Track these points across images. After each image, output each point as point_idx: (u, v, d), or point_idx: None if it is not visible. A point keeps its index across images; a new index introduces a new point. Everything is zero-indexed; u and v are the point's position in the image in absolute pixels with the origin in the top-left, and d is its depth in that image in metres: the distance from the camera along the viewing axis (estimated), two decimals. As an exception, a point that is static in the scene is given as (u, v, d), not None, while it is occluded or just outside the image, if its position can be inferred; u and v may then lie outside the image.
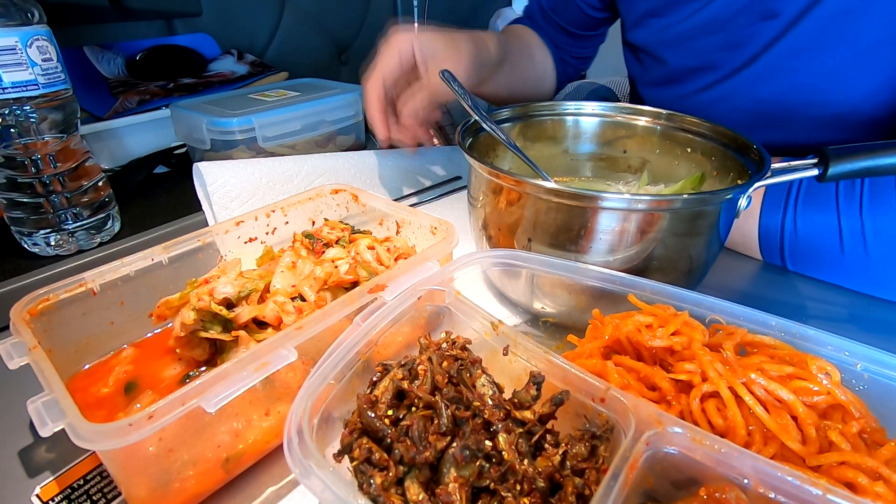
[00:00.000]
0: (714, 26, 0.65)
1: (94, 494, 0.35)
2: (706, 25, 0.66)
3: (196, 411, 0.30)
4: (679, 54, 0.71)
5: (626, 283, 0.39)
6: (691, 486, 0.27)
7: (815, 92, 0.61)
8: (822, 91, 0.60)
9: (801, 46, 0.59)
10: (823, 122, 0.62)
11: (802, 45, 0.59)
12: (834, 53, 0.58)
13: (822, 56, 0.58)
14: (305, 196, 0.55)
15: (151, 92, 0.87)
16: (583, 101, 0.62)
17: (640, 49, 0.76)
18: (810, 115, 0.62)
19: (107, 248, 0.60)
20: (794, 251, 0.55)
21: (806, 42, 0.59)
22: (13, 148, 0.53)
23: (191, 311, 0.40)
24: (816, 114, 0.62)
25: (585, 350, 0.36)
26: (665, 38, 0.71)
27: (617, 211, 0.41)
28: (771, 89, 0.64)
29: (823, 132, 0.63)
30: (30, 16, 0.52)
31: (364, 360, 0.33)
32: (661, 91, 0.76)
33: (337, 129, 0.85)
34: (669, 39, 0.71)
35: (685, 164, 0.58)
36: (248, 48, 1.10)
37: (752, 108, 0.66)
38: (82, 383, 0.41)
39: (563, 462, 0.28)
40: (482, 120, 0.54)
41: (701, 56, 0.68)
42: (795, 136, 0.65)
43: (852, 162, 0.44)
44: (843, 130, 0.62)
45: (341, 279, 0.44)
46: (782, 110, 0.64)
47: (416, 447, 0.27)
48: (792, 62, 0.61)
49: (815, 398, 0.30)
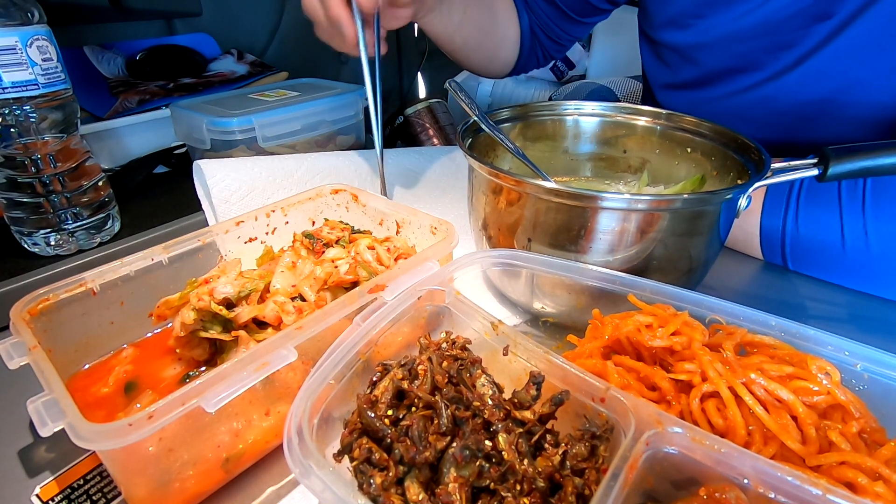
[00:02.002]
0: (764, 29, 0.62)
1: (94, 494, 0.35)
2: (755, 27, 0.62)
3: (196, 411, 0.30)
4: (717, 56, 0.67)
5: (626, 283, 0.39)
6: (691, 486, 0.27)
7: (864, 92, 0.59)
8: (874, 91, 0.58)
9: (854, 47, 0.57)
10: (863, 121, 0.60)
11: (855, 45, 0.57)
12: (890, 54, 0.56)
13: (876, 56, 0.57)
14: (305, 196, 0.55)
15: (151, 92, 0.87)
16: (583, 101, 0.62)
17: (670, 49, 0.72)
18: (853, 115, 0.61)
19: (107, 248, 0.60)
20: (796, 250, 0.55)
21: (858, 43, 0.57)
22: (13, 148, 0.53)
23: (191, 311, 0.40)
24: (859, 114, 0.60)
25: (585, 350, 0.36)
26: (705, 40, 0.67)
27: (617, 211, 0.41)
28: (816, 90, 0.61)
29: (861, 132, 0.61)
30: (30, 16, 0.52)
31: (364, 360, 0.33)
32: (686, 94, 0.72)
33: (337, 129, 0.85)
34: (709, 41, 0.67)
35: (685, 163, 0.58)
36: (248, 48, 1.10)
37: (791, 110, 0.64)
38: (82, 383, 0.41)
39: (563, 462, 0.28)
40: (482, 121, 0.54)
41: (742, 58, 0.65)
42: (832, 135, 0.63)
43: (852, 162, 0.44)
44: (881, 130, 0.60)
45: (341, 279, 0.44)
46: (825, 111, 0.62)
47: (416, 447, 0.27)
48: (843, 62, 0.58)
49: (815, 398, 0.30)
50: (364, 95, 0.86)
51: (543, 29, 0.84)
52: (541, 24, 0.83)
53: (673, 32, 0.70)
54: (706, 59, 0.68)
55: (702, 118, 0.56)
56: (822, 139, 0.63)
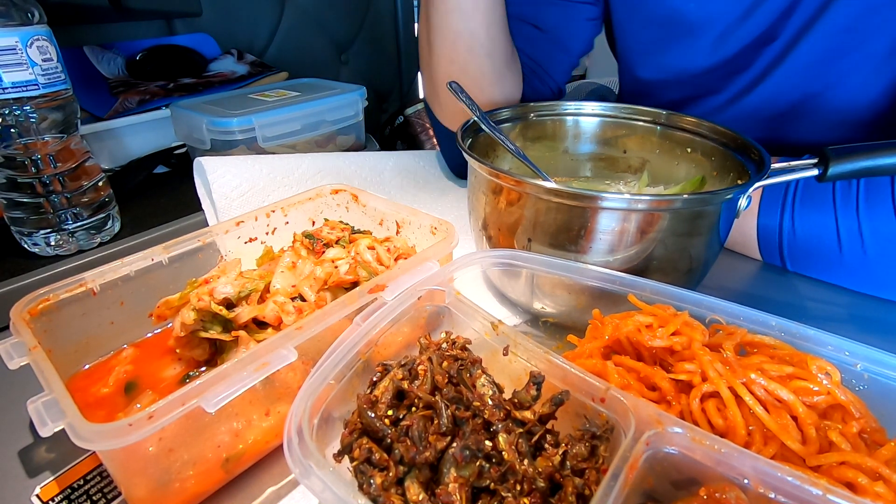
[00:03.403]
0: (718, 63, 0.65)
1: (94, 494, 0.35)
2: (710, 64, 0.66)
3: (196, 411, 0.30)
4: (674, 89, 0.71)
5: (626, 283, 0.39)
6: (691, 486, 0.27)
7: (823, 101, 0.61)
8: (832, 100, 0.61)
9: (804, 64, 0.60)
10: (830, 125, 0.63)
11: (805, 63, 0.60)
12: (839, 67, 0.59)
13: (826, 71, 0.59)
14: (305, 196, 0.55)
15: (151, 92, 0.86)
16: (583, 101, 0.62)
17: (635, 80, 0.76)
18: (819, 120, 0.63)
19: (107, 248, 0.60)
20: (793, 251, 0.55)
21: (807, 60, 0.60)
22: (13, 148, 0.53)
23: (191, 311, 0.40)
24: (824, 118, 0.62)
25: (585, 350, 0.36)
26: (662, 77, 0.71)
27: (617, 211, 0.41)
28: (775, 106, 0.64)
29: (828, 136, 0.63)
30: (30, 16, 0.52)
31: (364, 360, 0.33)
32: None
33: (337, 130, 0.85)
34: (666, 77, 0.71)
35: (685, 164, 0.58)
36: (248, 48, 1.10)
37: (755, 126, 0.67)
38: (82, 383, 0.41)
39: (563, 462, 0.28)
40: (482, 121, 0.54)
41: (699, 87, 0.69)
42: (802, 141, 0.66)
43: (852, 162, 0.44)
44: (847, 132, 0.62)
45: (341, 279, 0.44)
46: (789, 121, 0.65)
47: (416, 447, 0.27)
48: (795, 79, 0.61)
49: (815, 398, 0.30)
50: (364, 95, 0.87)
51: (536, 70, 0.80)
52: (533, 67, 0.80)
53: (633, 68, 0.74)
54: (665, 93, 0.73)
55: (701, 118, 0.56)
56: (793, 145, 0.67)
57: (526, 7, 0.74)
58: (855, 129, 0.62)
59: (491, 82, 0.67)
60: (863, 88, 0.59)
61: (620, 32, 0.74)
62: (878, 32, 0.55)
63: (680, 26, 0.66)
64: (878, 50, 0.56)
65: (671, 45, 0.68)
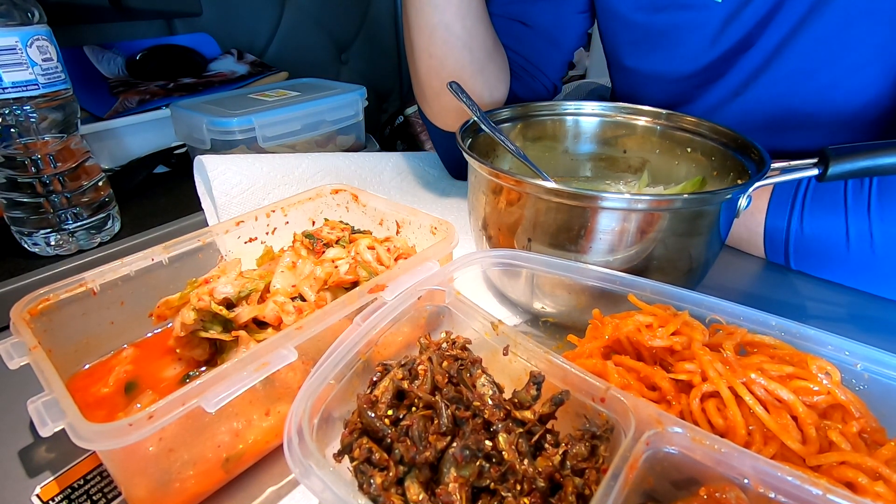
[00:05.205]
0: (700, 71, 0.66)
1: (94, 494, 0.35)
2: (693, 71, 0.67)
3: (196, 411, 0.30)
4: (651, 90, 0.72)
5: (626, 283, 0.39)
6: (691, 486, 0.27)
7: (808, 109, 0.62)
8: (816, 107, 0.61)
9: (785, 74, 0.60)
10: (816, 132, 0.63)
11: (786, 73, 0.60)
12: (821, 77, 0.59)
13: (805, 81, 0.60)
14: (305, 196, 0.55)
15: (151, 92, 0.86)
16: (583, 101, 0.62)
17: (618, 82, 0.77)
18: (809, 125, 0.63)
19: (107, 248, 0.60)
20: (799, 250, 0.55)
21: (788, 70, 0.60)
22: (13, 148, 0.53)
23: (191, 311, 0.40)
24: (814, 122, 0.62)
25: (585, 350, 0.36)
26: (638, 80, 0.71)
27: (617, 211, 0.41)
28: (757, 118, 0.64)
29: (815, 142, 0.64)
30: (30, 16, 0.52)
31: (364, 360, 0.33)
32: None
33: (337, 129, 0.85)
34: (642, 80, 0.71)
35: (685, 163, 0.58)
36: (248, 48, 1.10)
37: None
38: (82, 383, 0.41)
39: (563, 462, 0.28)
40: (482, 121, 0.54)
41: (676, 95, 0.69)
42: (791, 147, 0.66)
43: (852, 162, 0.44)
44: (834, 139, 0.63)
45: (341, 279, 0.44)
46: (775, 131, 0.65)
47: (416, 447, 0.27)
48: (776, 89, 0.61)
49: (815, 398, 0.30)
50: (364, 95, 0.87)
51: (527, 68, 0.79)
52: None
53: (617, 69, 0.75)
54: (641, 95, 0.73)
55: (701, 118, 0.56)
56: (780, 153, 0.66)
57: (512, 5, 0.74)
58: (845, 136, 0.62)
59: (471, 74, 0.66)
60: (851, 96, 0.59)
61: (604, 30, 0.75)
62: (861, 43, 0.56)
63: (658, 36, 0.66)
64: (861, 59, 0.56)
65: (650, 52, 0.68)
